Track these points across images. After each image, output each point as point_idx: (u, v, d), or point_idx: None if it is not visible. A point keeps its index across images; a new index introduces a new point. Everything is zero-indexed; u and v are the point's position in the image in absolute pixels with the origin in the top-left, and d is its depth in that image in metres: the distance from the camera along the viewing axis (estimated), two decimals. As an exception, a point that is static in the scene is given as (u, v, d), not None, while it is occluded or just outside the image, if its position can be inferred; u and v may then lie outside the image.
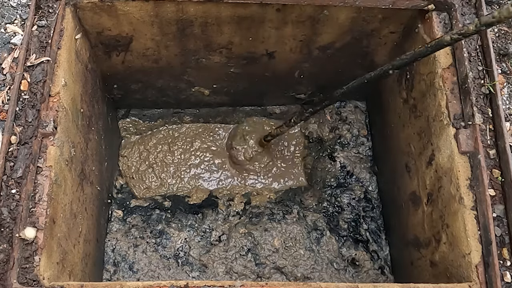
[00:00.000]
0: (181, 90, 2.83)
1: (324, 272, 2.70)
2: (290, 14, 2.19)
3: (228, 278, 2.66)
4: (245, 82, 2.78)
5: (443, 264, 1.99)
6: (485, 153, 1.83)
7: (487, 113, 1.88)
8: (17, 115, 1.78)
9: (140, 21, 2.19)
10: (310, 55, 2.52)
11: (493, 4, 2.14)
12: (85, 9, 2.06)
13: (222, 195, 2.94)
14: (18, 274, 1.59)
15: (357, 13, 2.20)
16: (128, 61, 2.48)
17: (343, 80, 2.77)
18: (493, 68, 1.88)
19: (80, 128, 2.11)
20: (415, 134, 2.28)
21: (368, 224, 2.82)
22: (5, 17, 2.01)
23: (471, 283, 1.72)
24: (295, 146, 3.09)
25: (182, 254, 2.72)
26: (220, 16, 2.19)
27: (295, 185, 3.03)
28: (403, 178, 2.45)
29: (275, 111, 3.09)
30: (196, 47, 2.42)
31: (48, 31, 1.90)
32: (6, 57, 1.92)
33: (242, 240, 2.75)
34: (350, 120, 3.02)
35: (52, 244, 1.74)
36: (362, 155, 2.97)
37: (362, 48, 2.49)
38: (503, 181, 1.80)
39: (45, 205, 1.68)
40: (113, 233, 2.73)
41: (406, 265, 2.49)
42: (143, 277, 2.65)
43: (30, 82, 1.82)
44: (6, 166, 1.70)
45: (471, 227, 1.78)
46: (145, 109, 3.03)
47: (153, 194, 2.96)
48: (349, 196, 2.88)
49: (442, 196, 2.00)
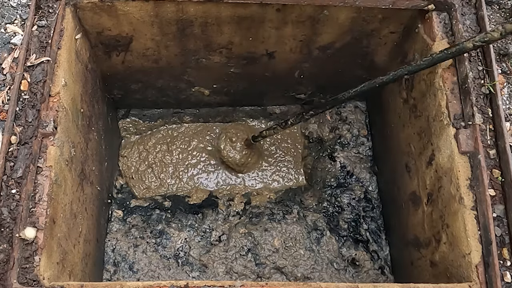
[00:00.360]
0: (181, 90, 2.83)
1: (324, 272, 2.70)
2: (290, 14, 2.19)
3: (228, 278, 2.66)
4: (245, 82, 2.78)
5: (443, 264, 1.99)
6: (485, 153, 1.83)
7: (487, 113, 1.88)
8: (17, 115, 1.78)
9: (140, 21, 2.19)
10: (310, 55, 2.52)
11: (493, 4, 2.14)
12: (85, 9, 2.06)
13: (222, 195, 2.94)
14: (18, 274, 1.59)
15: (357, 13, 2.20)
16: (128, 61, 2.48)
17: (343, 80, 2.78)
18: (493, 68, 1.88)
19: (80, 128, 2.11)
20: (415, 134, 2.28)
21: (368, 224, 2.82)
22: (5, 17, 2.01)
23: (471, 283, 1.72)
24: (296, 146, 3.09)
25: (182, 254, 2.72)
26: (220, 16, 2.19)
27: (295, 185, 3.03)
28: (403, 178, 2.45)
29: (275, 111, 3.09)
30: (196, 47, 2.42)
31: (48, 31, 1.90)
32: (6, 57, 1.92)
33: (242, 240, 2.75)
34: (350, 120, 3.02)
35: (52, 244, 1.74)
36: (362, 155, 2.97)
37: (362, 48, 2.49)
38: (503, 181, 1.80)
39: (45, 205, 1.68)
40: (113, 233, 2.73)
41: (406, 265, 2.49)
42: (143, 277, 2.65)
43: (30, 82, 1.82)
44: (6, 166, 1.70)
45: (471, 227, 1.78)
46: (145, 109, 3.03)
47: (153, 194, 2.96)
48: (349, 196, 2.88)
49: (442, 196, 2.00)
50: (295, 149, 3.08)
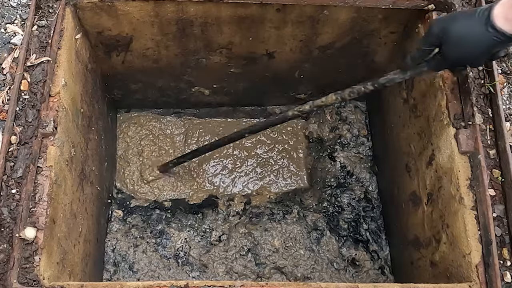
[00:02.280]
0: (181, 90, 2.83)
1: (324, 272, 2.70)
2: (290, 14, 2.19)
3: (228, 278, 2.66)
4: (245, 82, 2.78)
5: (443, 264, 1.99)
6: (485, 153, 1.83)
7: (487, 113, 1.88)
8: (17, 115, 1.78)
9: (140, 21, 2.19)
10: (310, 55, 2.52)
11: (493, 4, 2.14)
12: (85, 9, 2.06)
13: (222, 195, 2.94)
14: (18, 274, 1.58)
15: (357, 13, 2.20)
16: (128, 61, 2.49)
17: (343, 80, 2.78)
18: (493, 68, 1.88)
19: (80, 128, 2.11)
20: (415, 134, 2.28)
21: (368, 224, 2.82)
22: (5, 17, 2.01)
23: (471, 283, 1.72)
24: (295, 145, 3.09)
25: (182, 254, 2.72)
26: (220, 16, 2.19)
27: (298, 187, 3.01)
28: (403, 178, 2.45)
29: (275, 111, 3.09)
30: (196, 47, 2.42)
31: (48, 31, 1.90)
32: (6, 57, 1.92)
33: (242, 240, 2.74)
34: (350, 120, 3.02)
35: (52, 244, 1.74)
36: (362, 155, 2.97)
37: (362, 48, 2.49)
38: (503, 181, 1.80)
39: (45, 205, 1.68)
40: (113, 233, 2.73)
41: (406, 265, 2.49)
42: (143, 277, 2.65)
43: (30, 82, 1.82)
44: (6, 166, 1.70)
45: (471, 227, 1.78)
46: (145, 109, 3.03)
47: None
48: (349, 196, 2.88)
49: (442, 196, 2.00)
50: (296, 151, 3.07)
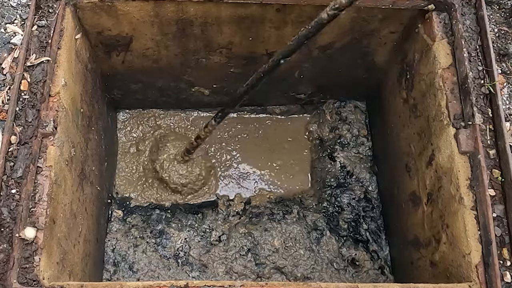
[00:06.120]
0: (181, 90, 2.83)
1: (324, 272, 2.70)
2: (290, 14, 2.19)
3: (228, 278, 2.66)
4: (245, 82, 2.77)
5: (443, 264, 1.99)
6: (485, 153, 1.83)
7: (487, 113, 1.88)
8: (17, 115, 1.78)
9: (140, 21, 2.19)
10: (310, 55, 2.52)
11: (493, 4, 2.14)
12: (85, 9, 2.07)
13: (222, 195, 2.94)
14: (18, 274, 1.59)
15: (357, 13, 2.20)
16: (128, 61, 2.48)
17: (343, 80, 2.78)
18: (493, 68, 1.88)
19: (80, 128, 2.11)
20: (415, 134, 2.28)
21: (368, 224, 2.82)
22: (5, 17, 2.01)
23: (471, 283, 1.72)
24: (295, 146, 3.09)
25: (182, 254, 2.72)
26: (220, 16, 2.19)
27: (300, 188, 3.01)
28: (403, 178, 2.45)
29: (275, 111, 3.09)
30: (196, 47, 2.42)
31: (48, 31, 1.90)
32: (6, 57, 1.92)
33: (242, 240, 2.74)
34: (350, 120, 3.02)
35: (52, 244, 1.74)
36: (362, 155, 2.97)
37: (362, 48, 2.49)
38: (503, 181, 1.80)
39: (45, 205, 1.68)
40: (113, 233, 2.72)
41: (406, 265, 2.49)
42: (143, 277, 2.65)
43: (30, 82, 1.82)
44: (6, 166, 1.70)
45: (471, 227, 1.78)
46: (145, 109, 3.02)
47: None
48: (349, 196, 2.88)
49: (442, 196, 2.00)
50: (296, 152, 3.06)
